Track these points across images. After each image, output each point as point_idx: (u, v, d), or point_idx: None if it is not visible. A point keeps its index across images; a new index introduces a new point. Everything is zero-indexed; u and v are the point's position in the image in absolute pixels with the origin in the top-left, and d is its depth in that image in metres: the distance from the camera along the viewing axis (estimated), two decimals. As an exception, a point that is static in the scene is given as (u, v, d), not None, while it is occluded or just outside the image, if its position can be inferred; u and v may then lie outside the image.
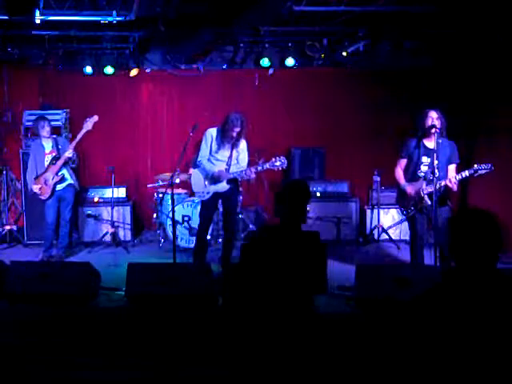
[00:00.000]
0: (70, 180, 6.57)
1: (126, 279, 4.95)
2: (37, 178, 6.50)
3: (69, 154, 6.39)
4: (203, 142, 5.80)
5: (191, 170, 6.66)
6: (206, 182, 5.79)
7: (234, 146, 5.69)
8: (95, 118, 6.40)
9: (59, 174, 6.47)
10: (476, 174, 5.06)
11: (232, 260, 5.91)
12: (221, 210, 6.42)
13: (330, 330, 3.27)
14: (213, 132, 5.77)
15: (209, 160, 5.74)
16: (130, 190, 7.98)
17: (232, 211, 5.97)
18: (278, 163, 5.51)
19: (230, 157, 5.72)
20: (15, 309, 4.78)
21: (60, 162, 6.42)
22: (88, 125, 6.36)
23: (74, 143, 6.45)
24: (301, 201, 3.34)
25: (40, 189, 6.47)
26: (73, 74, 7.86)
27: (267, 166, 5.57)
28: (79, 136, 6.40)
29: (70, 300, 4.81)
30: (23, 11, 5.51)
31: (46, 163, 6.49)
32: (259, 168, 5.63)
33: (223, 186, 5.73)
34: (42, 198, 6.54)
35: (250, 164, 5.88)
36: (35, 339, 4.00)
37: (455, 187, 5.10)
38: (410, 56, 7.34)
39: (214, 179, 5.73)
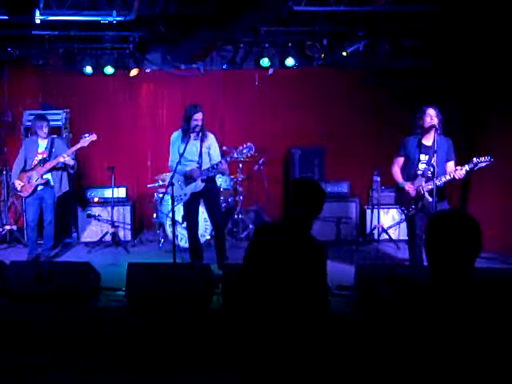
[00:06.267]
0: (52, 184, 6.34)
1: (126, 279, 4.95)
2: (23, 172, 6.31)
3: (63, 159, 6.17)
4: (171, 147, 5.84)
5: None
6: (180, 183, 5.80)
7: (202, 141, 5.70)
8: (94, 136, 6.26)
9: (44, 177, 6.27)
10: (476, 168, 5.02)
11: (229, 257, 5.94)
12: None
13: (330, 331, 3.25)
14: (176, 134, 5.82)
15: (180, 163, 5.68)
16: (130, 190, 7.98)
17: (214, 207, 5.96)
18: (245, 150, 5.53)
19: (200, 155, 5.73)
20: (15, 309, 4.77)
21: (48, 165, 6.23)
22: (84, 141, 6.23)
23: (69, 152, 6.27)
24: (312, 202, 3.00)
25: (22, 186, 6.30)
26: (73, 74, 7.87)
27: (235, 154, 5.58)
28: (73, 148, 6.31)
29: (70, 300, 4.81)
30: (23, 11, 5.50)
31: (35, 162, 6.30)
32: (228, 159, 5.63)
33: (198, 185, 5.74)
34: (22, 195, 6.42)
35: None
36: (34, 339, 4.00)
37: (463, 174, 5.05)
38: (410, 56, 7.34)
39: (188, 179, 5.75)
